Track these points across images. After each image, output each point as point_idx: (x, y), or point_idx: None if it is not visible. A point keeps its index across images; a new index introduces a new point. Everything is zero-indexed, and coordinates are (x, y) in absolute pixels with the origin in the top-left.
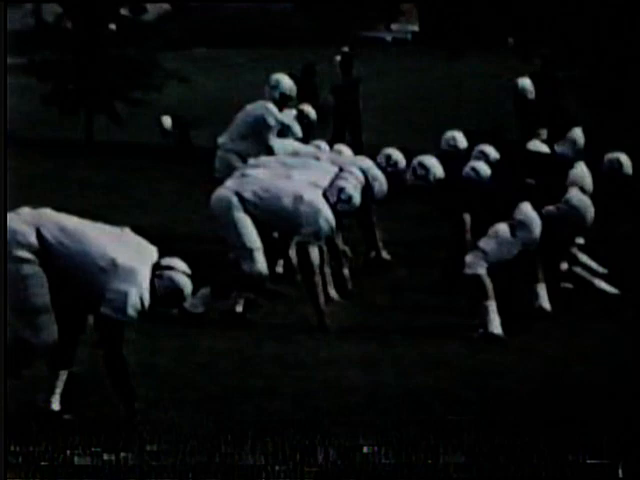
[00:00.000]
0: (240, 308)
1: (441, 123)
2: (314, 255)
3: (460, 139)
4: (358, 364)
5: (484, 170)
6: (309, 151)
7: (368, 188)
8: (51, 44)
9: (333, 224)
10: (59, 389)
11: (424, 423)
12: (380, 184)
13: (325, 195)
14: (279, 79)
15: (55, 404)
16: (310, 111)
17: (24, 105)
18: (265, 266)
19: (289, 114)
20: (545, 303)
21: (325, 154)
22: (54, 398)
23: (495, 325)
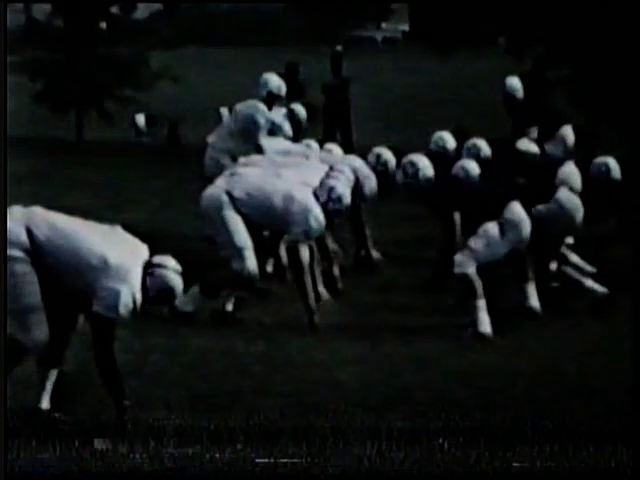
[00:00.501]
0: (230, 307)
1: (431, 122)
2: (304, 254)
3: (449, 139)
4: (348, 363)
5: (473, 169)
6: (299, 150)
7: (358, 187)
8: (41, 42)
9: (323, 223)
10: (49, 387)
11: (414, 421)
12: (370, 183)
13: (315, 194)
14: (267, 78)
15: (45, 402)
16: (300, 110)
17: (14, 103)
18: (255, 265)
19: (279, 113)
20: (535, 302)
21: (315, 153)
22: (44, 396)
23: (485, 324)
